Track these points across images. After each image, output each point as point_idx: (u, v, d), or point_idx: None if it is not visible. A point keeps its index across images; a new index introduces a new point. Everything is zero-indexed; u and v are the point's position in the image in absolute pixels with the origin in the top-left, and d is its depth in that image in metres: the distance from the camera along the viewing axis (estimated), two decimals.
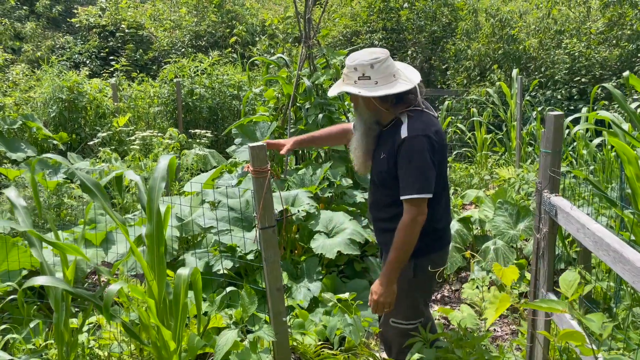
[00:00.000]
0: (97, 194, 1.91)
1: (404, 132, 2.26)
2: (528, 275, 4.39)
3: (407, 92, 2.31)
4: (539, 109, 6.72)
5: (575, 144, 6.29)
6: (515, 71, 7.34)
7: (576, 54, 8.24)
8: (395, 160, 2.29)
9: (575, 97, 8.04)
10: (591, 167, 5.27)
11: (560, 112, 2.10)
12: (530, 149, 6.54)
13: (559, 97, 8.04)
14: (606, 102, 7.20)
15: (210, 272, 3.76)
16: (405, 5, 11.09)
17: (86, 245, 3.83)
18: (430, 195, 2.26)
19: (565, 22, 8.71)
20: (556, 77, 8.32)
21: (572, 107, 7.90)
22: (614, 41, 8.32)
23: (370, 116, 2.40)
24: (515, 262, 4.35)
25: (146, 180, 3.77)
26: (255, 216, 1.94)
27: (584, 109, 6.19)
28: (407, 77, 2.33)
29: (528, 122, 7.14)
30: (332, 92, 2.44)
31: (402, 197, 2.26)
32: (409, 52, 10.82)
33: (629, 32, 8.07)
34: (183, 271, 2.07)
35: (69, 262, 2.35)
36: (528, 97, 7.78)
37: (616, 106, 6.98)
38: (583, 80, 8.05)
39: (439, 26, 10.95)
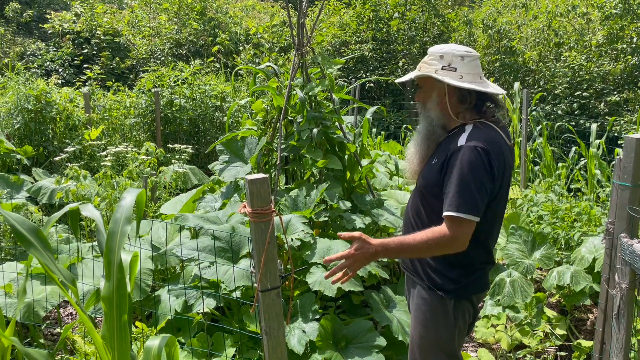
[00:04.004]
0: (34, 244, 1.34)
1: (462, 140, 1.96)
2: (547, 311, 3.95)
3: (488, 101, 2.06)
4: (544, 123, 6.32)
5: (583, 161, 5.90)
6: (517, 84, 6.94)
7: (576, 67, 7.89)
8: (446, 169, 1.98)
9: (576, 112, 7.67)
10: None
11: None
12: (536, 167, 6.12)
13: (560, 112, 7.67)
14: (616, 118, 6.83)
15: (188, 311, 3.24)
16: (396, 15, 10.70)
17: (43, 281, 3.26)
18: (475, 218, 1.90)
19: (564, 35, 8.37)
20: (556, 91, 7.96)
21: (573, 123, 7.54)
22: (614, 54, 7.99)
23: (439, 117, 2.10)
24: (534, 295, 3.90)
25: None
26: (253, 272, 1.43)
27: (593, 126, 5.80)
28: (493, 86, 2.07)
29: (531, 138, 6.73)
30: (404, 78, 2.17)
31: (443, 214, 1.94)
32: (400, 64, 10.41)
33: (628, 47, 7.75)
34: (152, 342, 1.53)
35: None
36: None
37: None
38: (585, 94, 7.69)
39: (430, 37, 10.57)
